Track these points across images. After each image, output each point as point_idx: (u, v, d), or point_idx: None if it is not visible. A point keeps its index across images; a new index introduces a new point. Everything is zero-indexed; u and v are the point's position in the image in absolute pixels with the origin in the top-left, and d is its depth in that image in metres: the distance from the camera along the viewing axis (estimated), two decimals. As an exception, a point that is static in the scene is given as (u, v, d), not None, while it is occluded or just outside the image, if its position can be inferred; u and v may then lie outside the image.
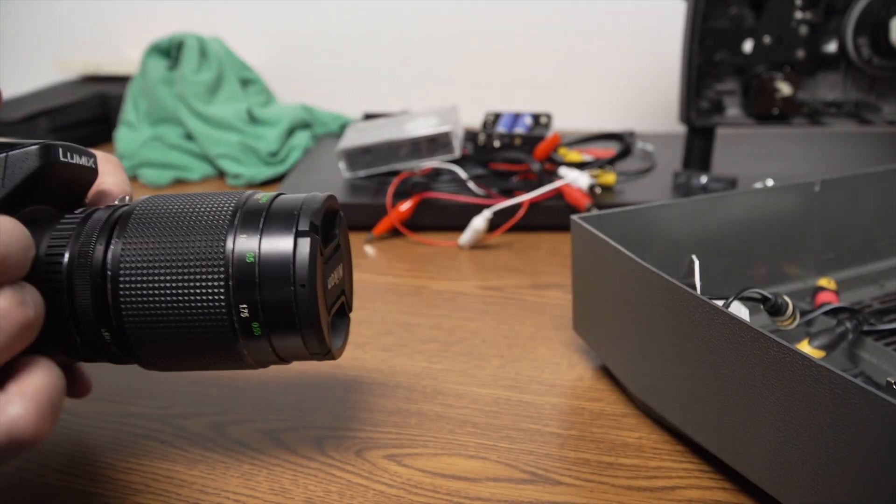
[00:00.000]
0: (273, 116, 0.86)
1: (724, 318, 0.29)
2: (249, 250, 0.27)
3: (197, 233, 0.27)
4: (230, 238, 0.27)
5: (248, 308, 0.27)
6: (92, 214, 0.30)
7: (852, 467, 0.25)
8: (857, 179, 0.49)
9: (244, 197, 0.29)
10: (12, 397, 0.24)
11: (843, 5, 0.63)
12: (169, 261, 0.27)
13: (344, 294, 0.33)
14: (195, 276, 0.27)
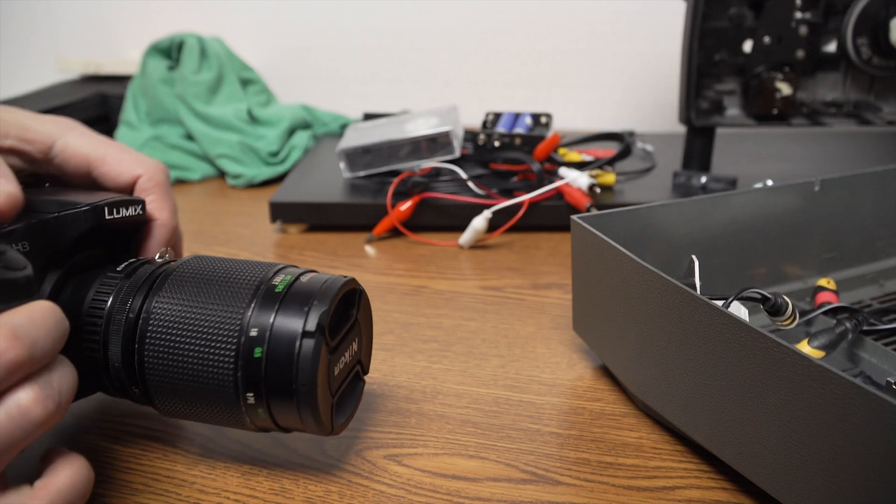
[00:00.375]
0: (273, 116, 0.86)
1: (724, 318, 0.29)
2: (258, 345, 0.29)
3: (219, 303, 0.30)
4: (247, 315, 0.30)
5: (253, 396, 0.29)
6: (136, 269, 0.33)
7: (852, 467, 0.25)
8: (857, 179, 0.49)
9: (270, 274, 0.31)
10: (38, 494, 0.25)
11: (842, 5, 0.63)
12: (190, 328, 0.30)
13: (360, 363, 0.35)
14: (210, 350, 0.30)
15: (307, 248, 0.62)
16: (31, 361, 0.24)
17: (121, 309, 0.31)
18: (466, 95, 1.03)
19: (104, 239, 0.34)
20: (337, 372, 0.31)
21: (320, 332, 0.29)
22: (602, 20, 0.97)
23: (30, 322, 0.24)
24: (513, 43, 1.01)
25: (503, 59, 1.02)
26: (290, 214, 0.65)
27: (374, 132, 0.72)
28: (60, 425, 0.38)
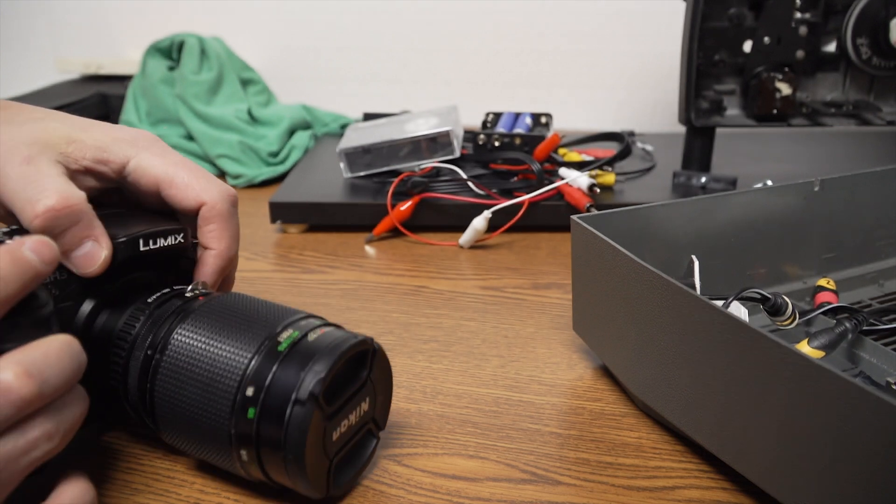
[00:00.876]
0: (273, 116, 0.86)
1: (724, 318, 0.29)
2: (252, 405, 0.29)
3: (226, 353, 0.30)
4: (248, 371, 0.30)
5: (247, 454, 0.30)
6: (165, 302, 0.34)
7: (852, 467, 0.25)
8: (857, 179, 0.49)
9: (278, 328, 0.31)
10: None
11: (842, 5, 0.63)
12: (195, 374, 0.30)
13: (373, 420, 0.34)
14: (210, 403, 0.30)
15: (307, 248, 0.62)
16: (42, 397, 0.24)
17: (142, 342, 0.32)
18: (466, 95, 1.03)
19: (146, 264, 0.35)
20: (336, 436, 0.31)
21: (313, 400, 0.28)
22: (602, 20, 0.97)
23: (44, 358, 0.25)
24: (513, 43, 1.01)
25: (503, 59, 1.02)
26: (290, 214, 0.65)
27: (374, 132, 0.72)
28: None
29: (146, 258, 0.34)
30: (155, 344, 0.32)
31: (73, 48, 1.15)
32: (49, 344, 0.25)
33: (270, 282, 0.56)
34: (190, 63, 0.84)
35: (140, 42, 0.95)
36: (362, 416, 0.33)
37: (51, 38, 1.16)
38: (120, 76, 1.05)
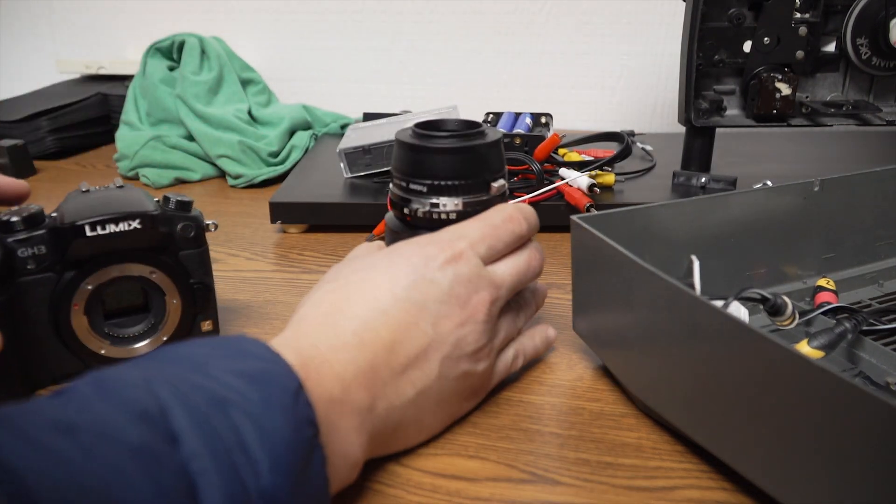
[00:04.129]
0: (273, 116, 0.86)
1: (724, 318, 0.29)
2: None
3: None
4: None
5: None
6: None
7: (851, 468, 0.25)
8: (856, 179, 0.49)
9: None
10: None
11: (842, 5, 0.63)
12: None
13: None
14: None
15: (307, 249, 0.62)
16: (529, 233, 0.39)
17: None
18: (466, 95, 1.03)
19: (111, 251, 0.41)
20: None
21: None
22: (602, 20, 0.97)
23: (524, 210, 0.39)
24: (512, 43, 1.01)
25: (503, 59, 1.02)
26: (290, 214, 0.65)
27: (374, 132, 0.72)
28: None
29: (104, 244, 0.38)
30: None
31: (73, 48, 1.15)
32: (520, 205, 0.40)
33: (270, 282, 0.56)
34: (190, 63, 0.85)
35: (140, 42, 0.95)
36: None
37: (52, 38, 1.16)
38: (120, 76, 1.05)
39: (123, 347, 0.41)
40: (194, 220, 0.41)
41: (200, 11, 1.08)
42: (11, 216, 0.38)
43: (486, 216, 0.38)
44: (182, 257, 0.41)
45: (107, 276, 0.39)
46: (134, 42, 1.11)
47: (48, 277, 0.38)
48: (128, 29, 1.13)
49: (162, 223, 0.40)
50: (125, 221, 0.38)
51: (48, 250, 0.38)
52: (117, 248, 0.39)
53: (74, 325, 0.39)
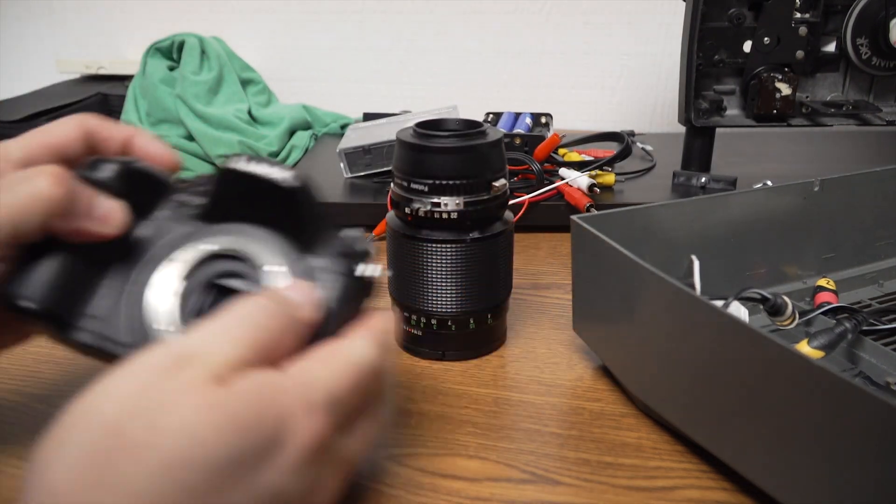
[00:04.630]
0: (273, 116, 0.86)
1: (724, 318, 0.29)
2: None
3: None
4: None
5: None
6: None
7: (851, 467, 0.25)
8: (856, 179, 0.49)
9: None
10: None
11: (842, 5, 0.63)
12: None
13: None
14: None
15: (307, 249, 0.62)
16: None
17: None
18: (466, 95, 1.03)
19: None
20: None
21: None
22: (602, 20, 0.97)
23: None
24: (513, 43, 1.01)
25: (503, 59, 1.02)
26: (290, 214, 0.65)
27: (374, 132, 0.72)
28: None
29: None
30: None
31: (73, 49, 1.15)
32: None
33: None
34: (190, 63, 0.85)
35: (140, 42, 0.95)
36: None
37: (52, 38, 1.16)
38: (120, 76, 1.05)
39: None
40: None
41: (200, 11, 1.08)
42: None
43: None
44: (319, 272, 0.31)
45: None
46: (134, 42, 1.11)
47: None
48: (128, 29, 1.12)
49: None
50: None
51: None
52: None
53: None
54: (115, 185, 0.30)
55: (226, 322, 0.25)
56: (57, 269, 0.29)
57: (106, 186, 0.30)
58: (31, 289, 0.29)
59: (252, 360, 0.25)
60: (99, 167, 0.31)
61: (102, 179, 0.30)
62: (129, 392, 0.23)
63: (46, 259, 0.29)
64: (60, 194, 0.28)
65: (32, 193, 0.28)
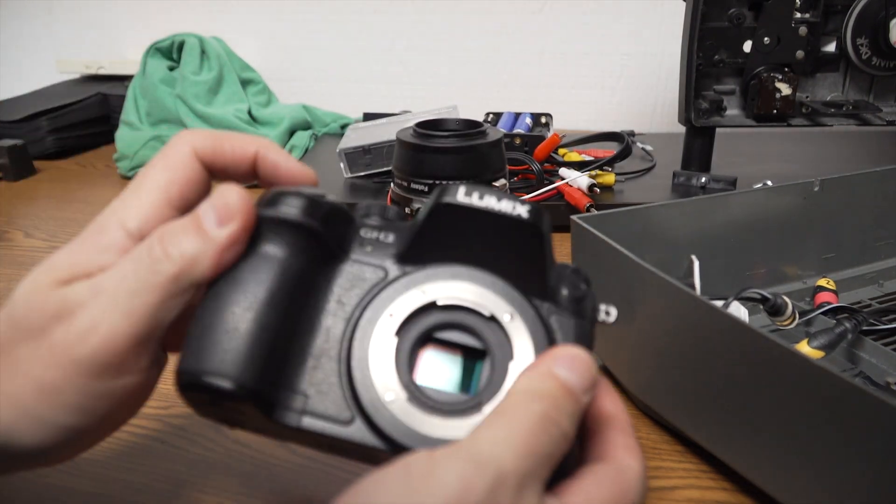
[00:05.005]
0: (273, 116, 0.86)
1: (724, 318, 0.29)
2: None
3: None
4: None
5: None
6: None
7: (851, 467, 0.25)
8: (856, 179, 0.49)
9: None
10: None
11: (842, 5, 0.63)
12: None
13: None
14: None
15: (307, 249, 0.62)
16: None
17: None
18: (466, 95, 1.03)
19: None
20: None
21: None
22: (602, 20, 0.97)
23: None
24: (513, 43, 1.01)
25: (503, 58, 1.02)
26: (290, 214, 0.65)
27: (374, 132, 0.72)
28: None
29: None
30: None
31: (73, 48, 1.15)
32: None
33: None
34: (190, 63, 0.85)
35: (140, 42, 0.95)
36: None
37: (52, 38, 1.16)
38: (120, 76, 1.05)
39: (422, 413, 0.24)
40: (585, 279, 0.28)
41: (200, 11, 1.08)
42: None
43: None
44: (555, 322, 0.26)
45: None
46: (134, 42, 1.11)
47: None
48: (128, 29, 1.12)
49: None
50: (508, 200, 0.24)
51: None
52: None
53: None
54: (305, 224, 0.25)
55: (526, 432, 0.21)
56: (246, 324, 0.23)
57: (292, 228, 0.25)
58: (217, 359, 0.23)
59: (546, 477, 0.22)
60: (282, 202, 0.25)
61: (288, 220, 0.25)
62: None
63: (223, 312, 0.24)
64: (225, 256, 0.24)
65: (183, 259, 0.23)
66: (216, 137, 0.27)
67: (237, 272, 0.24)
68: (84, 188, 0.81)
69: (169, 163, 0.26)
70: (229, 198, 0.24)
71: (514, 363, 0.24)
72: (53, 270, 0.24)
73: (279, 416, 0.24)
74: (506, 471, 0.20)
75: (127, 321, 0.23)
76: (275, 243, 0.25)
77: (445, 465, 0.20)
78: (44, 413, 0.24)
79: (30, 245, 0.65)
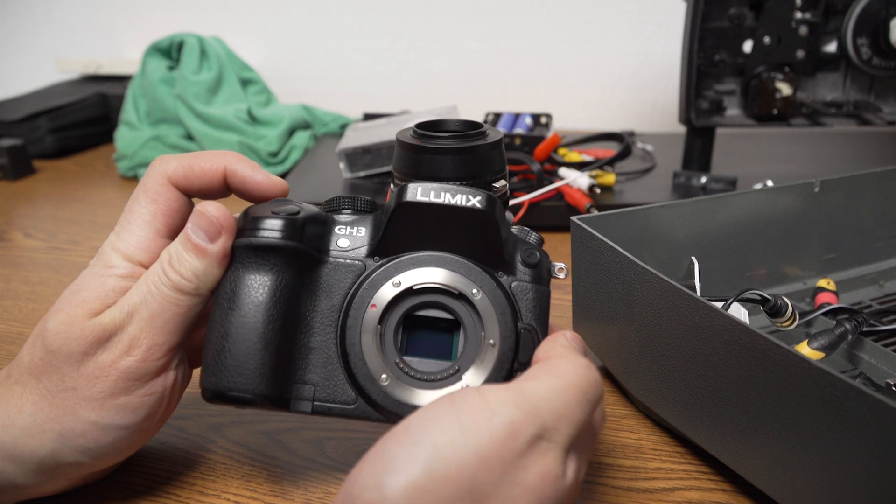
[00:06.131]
0: (273, 116, 0.86)
1: (724, 319, 0.29)
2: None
3: None
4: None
5: None
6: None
7: (851, 469, 0.25)
8: (857, 180, 0.49)
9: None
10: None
11: (842, 5, 0.63)
12: None
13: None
14: None
15: (307, 249, 0.62)
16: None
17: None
18: (466, 95, 1.03)
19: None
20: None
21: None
22: (602, 20, 0.97)
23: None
24: (513, 43, 1.01)
25: (503, 58, 1.02)
26: (290, 215, 0.65)
27: (374, 132, 0.72)
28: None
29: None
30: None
31: (73, 48, 1.15)
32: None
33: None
34: (190, 63, 0.84)
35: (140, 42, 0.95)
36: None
37: (51, 38, 1.16)
38: (120, 76, 1.05)
39: (412, 387, 0.29)
40: (539, 243, 0.32)
41: (200, 11, 1.08)
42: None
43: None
44: (515, 289, 0.30)
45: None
46: (133, 42, 1.11)
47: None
48: (127, 29, 1.12)
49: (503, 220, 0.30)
50: (463, 195, 0.29)
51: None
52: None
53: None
54: (287, 240, 0.28)
55: (568, 396, 0.25)
56: (253, 345, 0.28)
57: (276, 251, 0.28)
58: (236, 376, 0.28)
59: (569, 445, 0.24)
60: (261, 227, 0.29)
61: (271, 245, 0.28)
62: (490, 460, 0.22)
63: (232, 336, 0.28)
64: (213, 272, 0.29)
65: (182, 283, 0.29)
66: (186, 161, 0.31)
67: (237, 297, 0.28)
68: (83, 188, 0.81)
69: (150, 196, 0.31)
70: (211, 213, 0.29)
71: (485, 332, 0.29)
72: (85, 304, 0.29)
73: (293, 406, 0.29)
74: (547, 426, 0.23)
75: (161, 333, 0.29)
76: (263, 266, 0.29)
77: (497, 407, 0.23)
78: (97, 417, 0.28)
79: (29, 245, 0.65)
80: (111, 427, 0.29)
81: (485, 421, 0.23)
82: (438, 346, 0.30)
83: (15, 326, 0.50)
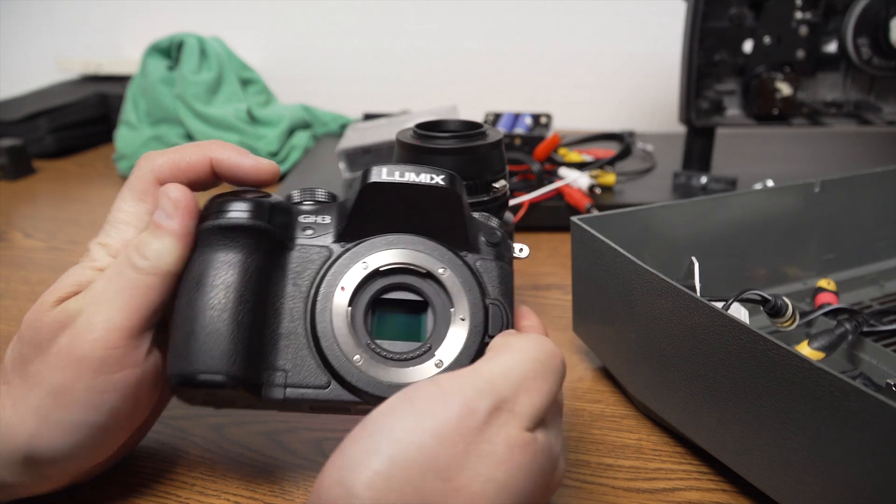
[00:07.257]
0: (273, 116, 0.86)
1: (724, 319, 0.29)
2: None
3: None
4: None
5: None
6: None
7: (852, 469, 0.25)
8: (857, 180, 0.49)
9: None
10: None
11: (842, 5, 0.63)
12: None
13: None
14: None
15: (307, 249, 0.62)
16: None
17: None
18: (466, 95, 1.03)
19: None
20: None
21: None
22: (602, 20, 0.97)
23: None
24: (513, 43, 1.01)
25: (503, 58, 1.02)
26: (289, 215, 0.65)
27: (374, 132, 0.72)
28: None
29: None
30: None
31: (73, 48, 1.15)
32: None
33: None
34: (189, 63, 0.84)
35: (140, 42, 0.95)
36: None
37: (51, 37, 1.16)
38: (119, 76, 1.05)
39: (384, 366, 0.29)
40: (505, 223, 0.33)
41: (200, 11, 1.08)
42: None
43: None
44: (480, 266, 0.31)
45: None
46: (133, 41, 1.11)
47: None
48: (127, 29, 1.12)
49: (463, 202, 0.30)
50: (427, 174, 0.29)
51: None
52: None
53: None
54: (254, 226, 0.29)
55: (525, 368, 0.25)
56: (224, 325, 0.27)
57: (244, 231, 0.28)
58: (207, 359, 0.27)
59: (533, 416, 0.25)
60: (229, 208, 0.29)
61: (239, 225, 0.28)
62: (451, 436, 0.23)
63: (201, 318, 0.27)
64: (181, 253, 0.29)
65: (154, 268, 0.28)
66: (171, 156, 0.31)
67: (204, 278, 0.28)
68: (83, 188, 0.81)
69: (136, 195, 0.31)
70: (171, 194, 0.29)
71: (455, 307, 0.29)
72: (55, 292, 0.29)
73: (266, 392, 0.28)
74: (505, 398, 0.24)
75: (119, 315, 0.28)
76: (231, 247, 0.28)
77: (450, 389, 0.24)
78: (60, 415, 0.27)
79: (29, 245, 0.65)
80: (74, 425, 0.28)
81: (439, 404, 0.23)
82: (407, 327, 0.30)
83: (15, 326, 0.50)
